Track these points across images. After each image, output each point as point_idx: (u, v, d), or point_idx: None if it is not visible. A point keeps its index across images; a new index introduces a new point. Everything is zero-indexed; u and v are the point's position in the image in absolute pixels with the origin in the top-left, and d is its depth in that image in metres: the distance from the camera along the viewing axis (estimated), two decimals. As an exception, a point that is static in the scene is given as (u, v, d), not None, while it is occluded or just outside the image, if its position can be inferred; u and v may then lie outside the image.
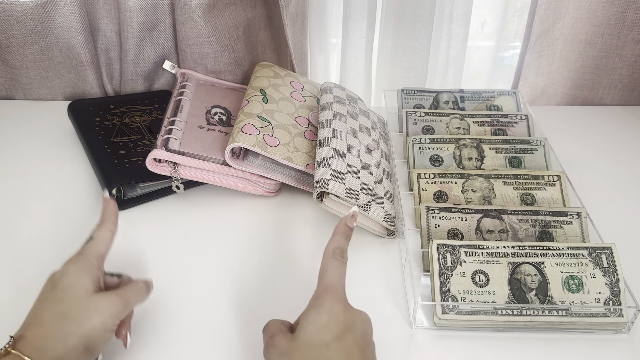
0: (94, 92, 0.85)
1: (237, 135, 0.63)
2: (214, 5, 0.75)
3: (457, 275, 0.51)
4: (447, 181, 0.65)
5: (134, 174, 0.65)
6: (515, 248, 0.53)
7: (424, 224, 0.59)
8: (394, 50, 0.87)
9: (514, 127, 0.74)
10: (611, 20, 0.79)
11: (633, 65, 0.83)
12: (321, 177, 0.58)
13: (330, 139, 0.63)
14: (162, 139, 0.64)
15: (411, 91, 0.80)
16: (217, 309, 0.54)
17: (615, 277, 0.51)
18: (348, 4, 0.83)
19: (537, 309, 0.50)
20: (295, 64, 0.83)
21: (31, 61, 0.80)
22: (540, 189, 0.64)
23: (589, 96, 0.87)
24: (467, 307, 0.50)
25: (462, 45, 0.87)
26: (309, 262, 0.59)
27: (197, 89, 0.76)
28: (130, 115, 0.76)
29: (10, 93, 0.85)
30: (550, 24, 0.81)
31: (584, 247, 0.53)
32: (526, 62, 0.84)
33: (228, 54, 0.79)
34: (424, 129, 0.74)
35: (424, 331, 0.52)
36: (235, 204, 0.67)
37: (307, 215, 0.65)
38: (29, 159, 0.73)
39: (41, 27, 0.77)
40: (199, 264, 0.59)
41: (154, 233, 0.62)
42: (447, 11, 0.84)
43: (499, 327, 0.51)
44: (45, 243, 0.61)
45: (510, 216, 0.59)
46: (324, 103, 0.70)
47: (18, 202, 0.66)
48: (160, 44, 0.83)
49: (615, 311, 0.51)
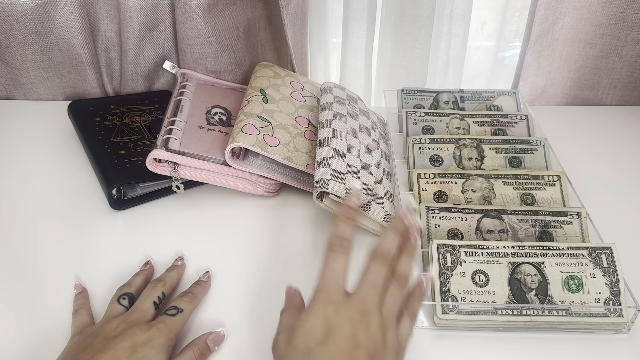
0: (94, 92, 0.85)
1: (237, 135, 0.63)
2: (214, 5, 0.75)
3: (457, 275, 0.51)
4: (447, 181, 0.65)
5: (134, 174, 0.65)
6: (515, 248, 0.53)
7: (424, 224, 0.59)
8: (394, 50, 0.87)
9: (514, 127, 0.74)
10: (611, 20, 0.79)
11: (633, 65, 0.83)
12: (321, 177, 0.58)
13: (330, 139, 0.63)
14: (162, 139, 0.64)
15: (411, 91, 0.80)
16: (217, 309, 0.54)
17: (615, 277, 0.51)
18: (348, 4, 0.83)
19: (537, 308, 0.50)
20: (295, 64, 0.83)
21: (31, 61, 0.80)
22: (540, 189, 0.64)
23: (589, 96, 0.87)
24: (467, 307, 0.50)
25: (462, 45, 0.87)
26: (309, 262, 0.59)
27: (197, 89, 0.76)
28: (130, 115, 0.76)
29: (10, 93, 0.85)
30: (550, 24, 0.81)
31: (584, 247, 0.53)
32: (526, 62, 0.84)
33: (228, 54, 0.79)
34: (424, 129, 0.74)
35: (424, 331, 0.52)
36: (235, 204, 0.67)
37: (307, 215, 0.65)
38: (29, 159, 0.73)
39: (41, 27, 0.77)
40: (199, 264, 0.59)
41: (154, 233, 0.62)
42: (447, 11, 0.84)
43: (498, 327, 0.51)
44: (45, 243, 0.61)
45: (510, 216, 0.59)
46: (324, 103, 0.70)
47: (18, 202, 0.66)
48: (161, 44, 0.83)
49: (615, 311, 0.51)
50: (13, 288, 0.55)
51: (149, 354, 0.44)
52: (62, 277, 0.56)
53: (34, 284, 0.56)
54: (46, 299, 0.54)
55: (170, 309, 0.49)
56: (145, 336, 0.45)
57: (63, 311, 0.53)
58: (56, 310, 0.53)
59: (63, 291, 0.55)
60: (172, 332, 0.47)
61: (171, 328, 0.47)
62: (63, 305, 0.53)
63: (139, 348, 0.44)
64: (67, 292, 0.55)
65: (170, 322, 0.47)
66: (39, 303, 0.54)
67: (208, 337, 0.49)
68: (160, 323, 0.47)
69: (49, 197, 0.67)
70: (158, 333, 0.46)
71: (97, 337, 0.45)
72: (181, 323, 0.48)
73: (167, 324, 0.47)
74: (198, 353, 0.47)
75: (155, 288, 0.51)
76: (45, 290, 0.55)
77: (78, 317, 0.50)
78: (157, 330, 0.46)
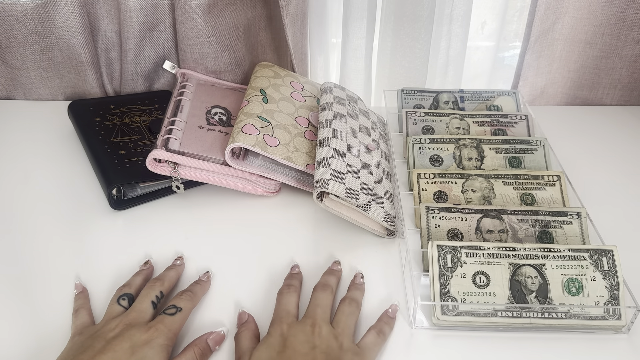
0: (94, 92, 0.85)
1: (237, 135, 0.63)
2: (214, 5, 0.75)
3: (457, 276, 0.51)
4: (447, 181, 0.65)
5: (134, 174, 0.65)
6: (517, 249, 0.52)
7: (424, 224, 0.59)
8: (394, 50, 0.87)
9: (514, 127, 0.74)
10: (611, 20, 0.79)
11: (633, 65, 0.83)
12: (321, 177, 0.58)
13: (330, 139, 0.63)
14: (162, 139, 0.64)
15: (411, 91, 0.80)
16: (217, 309, 0.54)
17: (615, 280, 0.51)
18: (348, 4, 0.83)
19: (536, 310, 0.50)
20: (295, 64, 0.83)
21: (31, 61, 0.80)
22: (540, 189, 0.64)
23: (589, 96, 0.87)
24: (467, 309, 0.50)
25: (462, 45, 0.87)
26: (309, 262, 0.59)
27: (197, 89, 0.76)
28: (130, 115, 0.76)
29: (10, 93, 0.85)
30: (550, 24, 0.81)
31: (585, 250, 0.53)
32: (526, 62, 0.84)
33: (228, 54, 0.79)
34: (423, 129, 0.74)
35: (424, 331, 0.52)
36: (235, 204, 0.67)
37: (307, 215, 0.65)
38: (29, 159, 0.73)
39: (41, 27, 0.77)
40: (199, 264, 0.59)
41: (154, 233, 0.62)
42: (447, 11, 0.84)
43: (498, 328, 0.51)
44: (45, 243, 0.61)
45: (510, 216, 0.59)
46: (324, 103, 0.70)
47: (18, 202, 0.66)
48: (161, 44, 0.83)
49: (614, 314, 0.51)
50: (13, 288, 0.55)
51: (149, 355, 0.44)
52: (62, 277, 0.56)
53: (33, 284, 0.56)
54: (46, 299, 0.54)
55: (169, 308, 0.49)
56: (144, 337, 0.45)
57: (63, 311, 0.53)
58: (56, 311, 0.53)
59: (63, 291, 0.55)
60: (171, 332, 0.47)
61: (170, 328, 0.47)
62: (63, 306, 0.53)
63: (138, 349, 0.44)
64: (67, 292, 0.55)
65: (170, 322, 0.47)
66: (38, 303, 0.54)
67: (209, 337, 0.49)
68: (159, 323, 0.47)
69: (49, 197, 0.67)
70: (157, 333, 0.46)
71: (97, 338, 0.45)
72: (180, 322, 0.48)
73: (166, 324, 0.47)
74: (199, 353, 0.47)
75: (153, 288, 0.51)
76: (45, 290, 0.55)
77: (78, 317, 0.50)
78: (156, 331, 0.46)
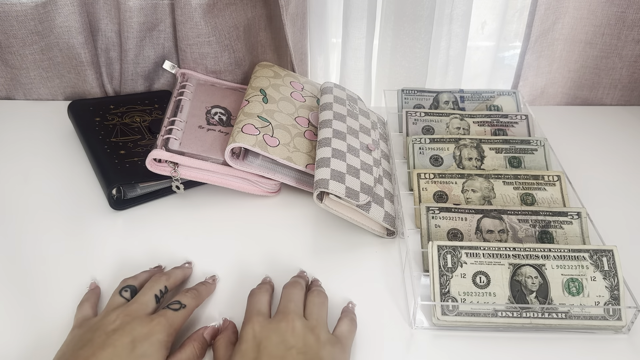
0: (94, 92, 0.85)
1: (237, 135, 0.63)
2: (214, 5, 0.75)
3: (458, 276, 0.51)
4: (447, 181, 0.65)
5: (134, 174, 0.65)
6: (517, 250, 0.52)
7: (424, 224, 0.59)
8: (394, 50, 0.87)
9: (514, 127, 0.74)
10: (611, 20, 0.79)
11: (633, 65, 0.83)
12: (321, 177, 0.58)
13: (330, 139, 0.63)
14: (162, 139, 0.64)
15: (411, 91, 0.80)
16: (216, 309, 0.54)
17: (615, 280, 0.51)
18: (348, 4, 0.83)
19: (536, 310, 0.50)
20: (295, 64, 0.83)
21: (31, 61, 0.80)
22: (540, 189, 0.64)
23: (589, 96, 0.87)
24: (467, 309, 0.50)
25: (462, 45, 0.87)
26: (308, 262, 0.59)
27: (197, 89, 0.76)
28: (130, 115, 0.76)
29: (10, 93, 0.85)
30: (550, 24, 0.81)
31: (585, 250, 0.53)
32: (526, 62, 0.84)
33: (228, 54, 0.79)
34: (424, 129, 0.74)
35: (424, 331, 0.52)
36: (235, 204, 0.67)
37: (307, 215, 0.65)
38: (29, 159, 0.73)
39: (41, 27, 0.77)
40: (199, 264, 0.59)
41: (154, 233, 0.62)
42: (447, 11, 0.84)
43: (498, 328, 0.51)
44: (45, 243, 0.61)
45: (510, 216, 0.59)
46: (324, 103, 0.70)
47: (18, 202, 0.66)
48: (160, 44, 0.83)
49: (614, 314, 0.51)
50: (12, 288, 0.55)
51: (149, 351, 0.43)
52: (62, 277, 0.56)
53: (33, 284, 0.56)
54: (46, 299, 0.54)
55: (173, 304, 0.48)
56: (145, 330, 0.44)
57: (63, 311, 0.52)
58: (56, 310, 0.53)
59: (62, 291, 0.55)
60: (172, 328, 0.46)
61: (172, 323, 0.46)
62: (62, 305, 0.53)
63: (138, 344, 0.43)
64: (67, 292, 0.54)
65: (172, 317, 0.47)
66: (38, 303, 0.54)
67: (205, 332, 0.49)
68: (161, 317, 0.46)
69: (49, 197, 0.67)
70: (159, 328, 0.45)
71: (97, 331, 0.44)
72: (183, 319, 0.48)
73: (168, 319, 0.46)
74: (198, 347, 0.47)
75: (158, 281, 0.51)
76: (45, 291, 0.55)
77: (81, 310, 0.50)
78: (158, 325, 0.45)
